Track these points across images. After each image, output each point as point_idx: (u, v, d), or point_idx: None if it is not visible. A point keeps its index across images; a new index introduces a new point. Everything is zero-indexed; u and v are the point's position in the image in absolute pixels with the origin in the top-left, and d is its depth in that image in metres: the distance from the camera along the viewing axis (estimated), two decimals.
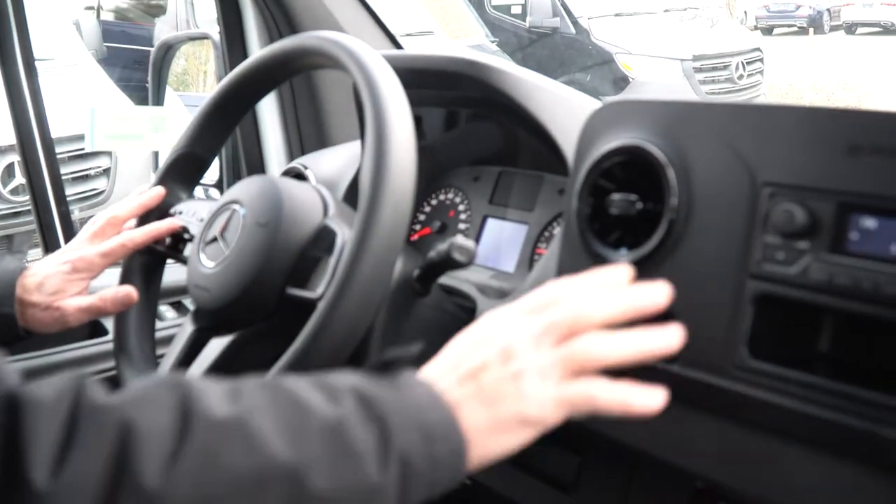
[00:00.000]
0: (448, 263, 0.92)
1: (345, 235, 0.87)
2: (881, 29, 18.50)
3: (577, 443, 0.99)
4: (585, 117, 0.88)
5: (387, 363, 0.66)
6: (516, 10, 7.70)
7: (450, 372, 0.65)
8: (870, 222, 0.68)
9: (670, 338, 0.67)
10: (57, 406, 0.53)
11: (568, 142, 0.96)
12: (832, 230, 0.70)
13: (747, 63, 7.25)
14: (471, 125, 1.37)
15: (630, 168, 0.83)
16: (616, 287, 0.68)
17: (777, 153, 0.73)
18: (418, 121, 1.38)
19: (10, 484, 0.50)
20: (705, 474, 0.80)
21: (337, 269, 0.81)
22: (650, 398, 0.66)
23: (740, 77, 7.12)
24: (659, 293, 0.67)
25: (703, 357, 0.77)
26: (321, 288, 0.84)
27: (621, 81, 6.86)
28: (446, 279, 1.12)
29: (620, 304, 0.66)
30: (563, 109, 1.03)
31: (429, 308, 1.01)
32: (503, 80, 1.04)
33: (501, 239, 1.19)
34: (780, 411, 0.72)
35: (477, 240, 1.21)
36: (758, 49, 7.55)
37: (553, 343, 0.65)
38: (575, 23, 7.29)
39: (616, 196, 0.82)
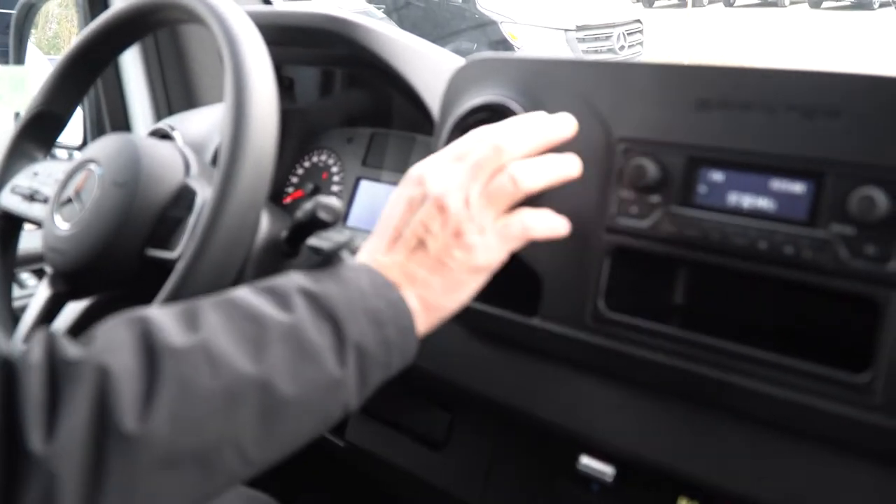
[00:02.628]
0: (314, 223, 0.90)
1: (205, 194, 0.85)
2: (760, 1, 19.17)
3: (448, 400, 1.00)
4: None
5: (326, 256, 0.68)
6: None
7: (395, 243, 0.68)
8: (717, 175, 0.71)
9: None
10: (39, 367, 0.54)
11: (434, 100, 0.96)
12: (682, 183, 0.72)
13: (628, 34, 7.41)
14: (345, 87, 1.35)
15: (493, 121, 0.83)
16: (528, 123, 0.73)
17: (630, 109, 0.75)
18: (291, 83, 1.36)
19: (10, 453, 0.50)
20: (569, 427, 0.82)
21: (196, 228, 0.79)
22: (563, 223, 0.74)
23: (622, 48, 7.28)
24: (567, 122, 0.75)
25: (562, 310, 0.78)
26: (180, 248, 0.82)
27: (506, 51, 6.91)
28: (318, 241, 1.11)
29: (535, 135, 0.72)
30: (430, 68, 1.02)
31: (299, 269, 0.99)
32: (369, 37, 1.03)
33: (375, 200, 1.19)
34: (636, 361, 0.74)
35: (350, 201, 1.20)
36: (638, 21, 7.72)
37: (482, 184, 0.69)
38: None
39: None
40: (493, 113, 0.83)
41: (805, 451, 0.68)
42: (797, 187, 0.66)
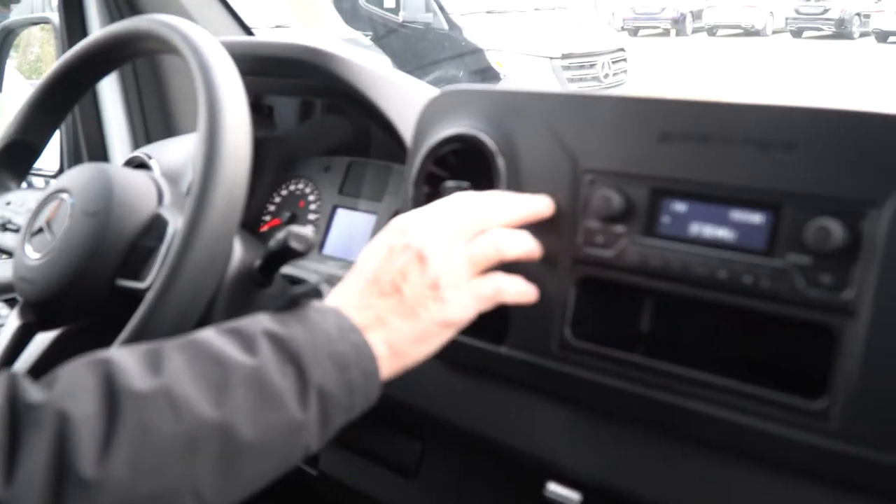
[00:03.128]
0: (286, 252, 0.91)
1: (177, 224, 0.85)
2: (742, 31, 19.40)
3: (419, 429, 1.00)
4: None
5: (294, 299, 0.67)
6: (389, 4, 7.69)
7: (371, 287, 0.68)
8: (679, 206, 0.72)
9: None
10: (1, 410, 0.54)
11: (408, 130, 0.97)
12: (646, 214, 0.73)
13: (613, 62, 7.48)
14: (324, 116, 1.37)
15: (463, 156, 0.85)
16: (513, 196, 0.77)
17: (596, 141, 0.76)
18: (270, 111, 1.37)
19: None
20: (536, 454, 0.82)
21: (166, 258, 0.80)
22: (532, 290, 0.77)
23: (606, 76, 7.34)
24: (546, 201, 0.78)
25: (529, 339, 0.79)
26: (150, 278, 0.83)
27: (493, 78, 6.96)
28: (293, 270, 1.11)
29: (517, 208, 0.75)
30: (404, 98, 1.04)
31: (272, 299, 1.00)
32: (344, 68, 1.04)
33: (351, 229, 1.20)
34: (601, 389, 0.75)
35: (327, 230, 1.21)
36: (622, 49, 7.80)
37: (464, 242, 0.71)
38: (448, 19, 7.35)
39: (450, 183, 0.83)
40: (463, 143, 0.84)
41: (765, 478, 0.69)
42: (755, 218, 0.68)
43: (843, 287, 0.63)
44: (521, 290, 0.76)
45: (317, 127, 1.31)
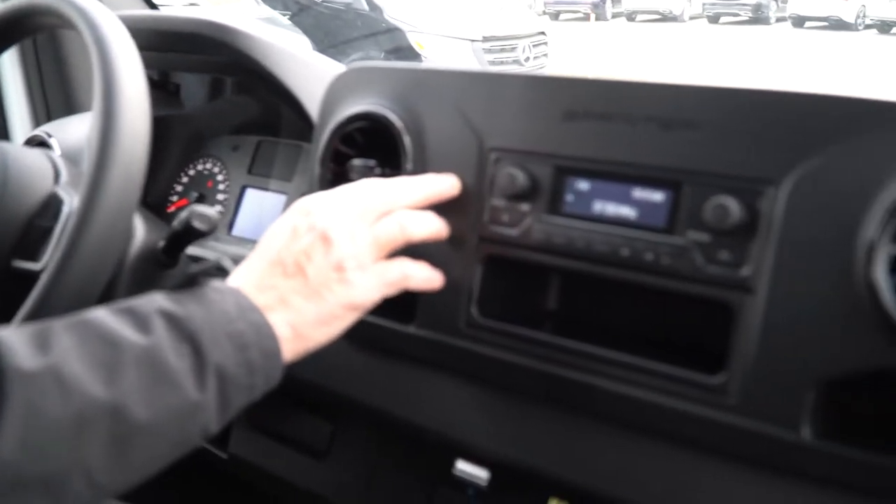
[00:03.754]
0: (189, 232, 0.89)
1: (73, 203, 0.82)
2: (660, 16, 19.73)
3: (330, 410, 0.99)
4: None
5: (192, 278, 0.66)
6: None
7: (274, 267, 0.67)
8: (583, 184, 0.72)
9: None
10: None
11: (316, 109, 0.95)
12: (550, 193, 0.73)
13: (534, 46, 7.51)
14: (234, 95, 1.34)
15: (370, 134, 0.83)
16: (419, 178, 0.76)
17: (502, 120, 0.76)
18: (177, 88, 1.34)
19: None
20: (445, 432, 0.82)
21: (62, 238, 0.77)
22: (438, 276, 0.77)
23: (527, 59, 7.37)
24: (451, 180, 0.77)
25: (437, 318, 0.79)
26: (46, 258, 0.80)
27: (413, 59, 6.91)
28: (201, 251, 1.09)
29: (422, 189, 0.75)
30: (312, 76, 1.02)
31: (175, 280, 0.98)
32: (248, 43, 1.02)
33: (261, 210, 1.18)
34: (508, 367, 0.76)
35: (236, 211, 1.18)
36: (543, 33, 7.84)
37: (369, 224, 0.70)
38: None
39: (356, 162, 0.83)
40: (370, 121, 0.83)
41: (667, 453, 0.70)
42: (657, 196, 0.69)
43: (740, 264, 0.64)
44: (426, 277, 0.75)
45: (226, 105, 1.29)
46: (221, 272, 0.67)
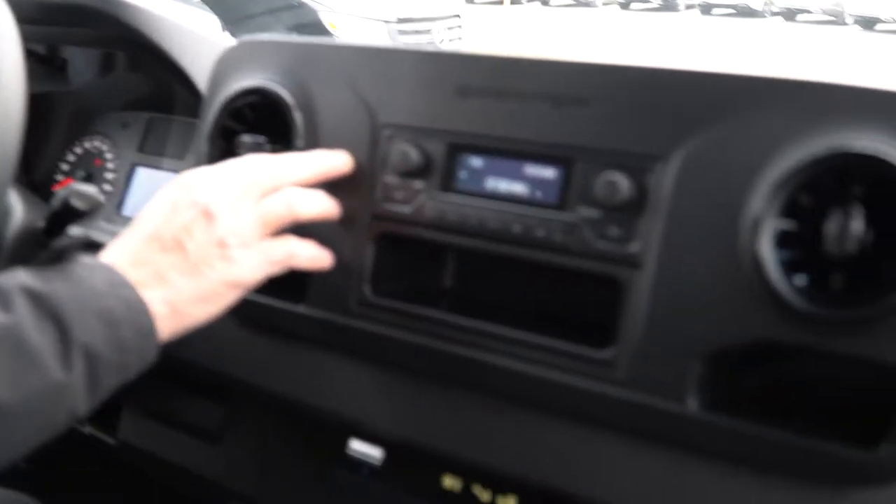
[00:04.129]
0: (68, 212, 0.85)
1: None
2: (574, 1, 19.95)
3: (221, 392, 0.97)
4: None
5: (59, 253, 0.62)
6: None
7: (150, 242, 0.64)
8: (476, 161, 0.72)
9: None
10: None
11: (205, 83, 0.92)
12: (443, 169, 0.72)
13: (448, 28, 7.51)
14: (125, 71, 1.29)
15: (260, 110, 0.81)
16: (308, 154, 0.74)
17: (394, 95, 0.75)
18: (64, 63, 1.28)
19: None
20: (338, 412, 0.81)
21: None
22: (326, 255, 0.75)
23: (441, 41, 7.36)
24: (343, 157, 0.75)
25: (328, 297, 0.77)
26: None
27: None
28: (86, 231, 1.05)
29: (311, 165, 0.73)
30: (203, 50, 0.98)
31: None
32: (137, 16, 0.98)
33: (153, 189, 1.12)
34: (400, 345, 0.75)
35: (126, 190, 1.14)
36: (458, 16, 7.83)
37: (254, 201, 0.67)
38: None
39: (245, 138, 0.80)
40: (260, 97, 0.80)
41: (561, 428, 0.70)
42: (548, 173, 0.68)
43: (629, 240, 0.64)
44: (313, 255, 0.73)
45: (115, 81, 1.24)
46: (92, 248, 0.64)
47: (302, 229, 0.72)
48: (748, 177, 0.60)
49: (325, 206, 0.73)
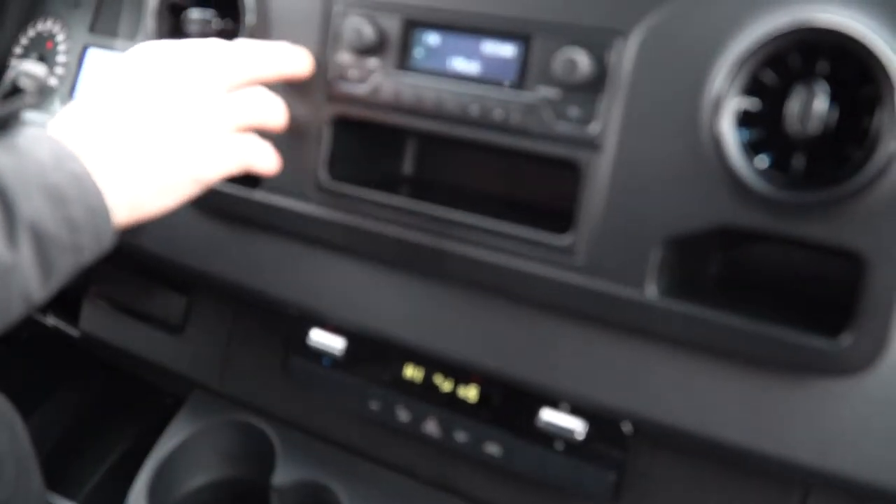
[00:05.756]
0: (18, 93, 0.82)
1: None
2: None
3: (183, 283, 0.95)
4: None
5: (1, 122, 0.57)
6: None
7: (109, 118, 0.59)
8: (433, 38, 0.68)
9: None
10: None
11: None
12: (399, 47, 0.69)
13: None
14: None
15: None
16: (270, 52, 0.69)
17: None
18: None
19: None
20: (297, 301, 0.80)
21: None
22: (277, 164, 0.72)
23: None
24: (304, 58, 0.71)
25: (284, 182, 0.75)
26: None
27: None
28: (40, 116, 1.01)
29: (277, 65, 0.69)
30: None
31: None
32: None
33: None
34: (358, 233, 0.73)
35: (78, 72, 1.09)
36: None
37: (222, 93, 0.64)
38: None
39: (193, 13, 0.76)
40: None
41: (522, 316, 0.69)
42: (507, 50, 0.65)
43: (588, 121, 0.62)
44: (271, 164, 0.71)
45: None
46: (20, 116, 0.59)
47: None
48: (710, 53, 0.57)
49: (282, 114, 0.70)
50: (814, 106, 0.53)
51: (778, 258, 0.67)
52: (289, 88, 0.73)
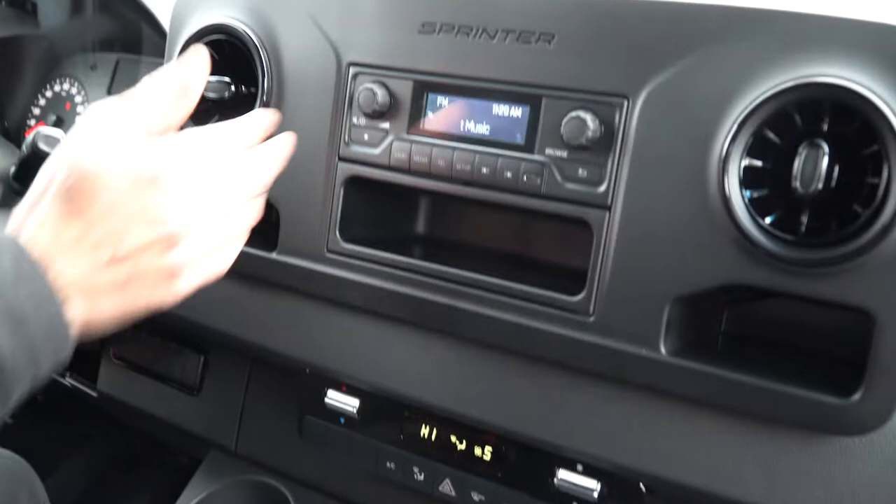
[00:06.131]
0: (37, 156, 0.83)
1: None
2: None
3: (200, 342, 0.96)
4: None
5: None
6: None
7: (95, 251, 0.51)
8: (443, 101, 0.69)
9: None
10: None
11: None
12: (410, 110, 0.70)
13: None
14: (94, 12, 1.26)
15: (224, 49, 0.78)
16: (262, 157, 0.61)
17: (358, 32, 0.72)
18: (33, 7, 1.25)
19: None
20: (314, 362, 0.80)
21: None
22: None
23: None
24: (288, 143, 0.62)
25: (299, 243, 0.76)
26: None
27: None
28: None
29: (267, 170, 0.61)
30: None
31: None
32: None
33: None
34: (372, 292, 0.73)
35: None
36: None
37: (216, 218, 0.56)
38: None
39: (210, 79, 0.77)
40: (224, 35, 0.78)
41: (535, 375, 0.69)
42: (515, 112, 0.66)
43: (597, 181, 0.63)
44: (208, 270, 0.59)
45: (83, 23, 1.20)
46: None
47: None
48: (715, 113, 0.58)
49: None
50: (818, 164, 0.54)
51: (789, 313, 0.67)
52: (302, 151, 0.74)
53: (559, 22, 0.64)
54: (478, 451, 0.76)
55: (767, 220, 0.56)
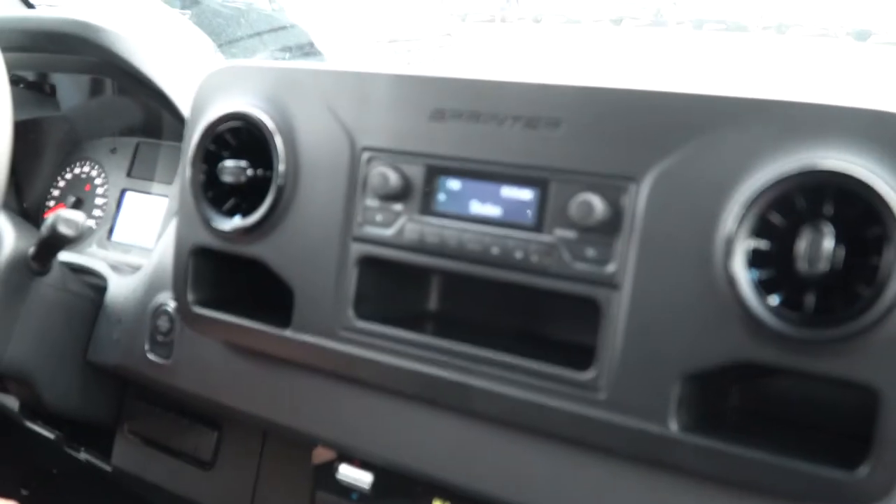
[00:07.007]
0: (56, 238, 0.86)
1: None
2: (566, 20, 19.97)
3: (213, 418, 0.97)
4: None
5: None
6: None
7: None
8: (454, 184, 0.72)
9: None
10: None
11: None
12: (422, 192, 0.73)
13: (439, 47, 7.53)
14: (113, 96, 1.30)
15: (241, 134, 0.82)
16: None
17: (372, 119, 0.75)
18: (53, 90, 1.29)
19: None
20: (326, 437, 0.81)
21: None
22: None
23: (424, 61, 7.37)
24: None
25: (313, 321, 0.78)
26: None
27: (316, 58, 6.83)
28: (76, 257, 1.05)
29: None
30: (186, 75, 0.99)
31: (50, 287, 0.94)
32: (120, 43, 0.99)
33: (142, 213, 1.14)
34: (385, 369, 0.75)
35: (115, 215, 1.15)
36: (449, 34, 7.86)
37: None
38: None
39: (228, 163, 0.80)
40: (242, 122, 0.81)
41: (546, 450, 0.70)
42: (525, 195, 0.69)
43: (606, 261, 0.65)
44: None
45: (103, 106, 1.25)
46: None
47: (286, 253, 0.72)
48: (720, 196, 0.60)
49: None
50: (821, 246, 0.56)
51: (797, 388, 0.68)
52: (317, 232, 0.76)
53: (565, 108, 0.67)
54: None
55: (772, 300, 0.58)
